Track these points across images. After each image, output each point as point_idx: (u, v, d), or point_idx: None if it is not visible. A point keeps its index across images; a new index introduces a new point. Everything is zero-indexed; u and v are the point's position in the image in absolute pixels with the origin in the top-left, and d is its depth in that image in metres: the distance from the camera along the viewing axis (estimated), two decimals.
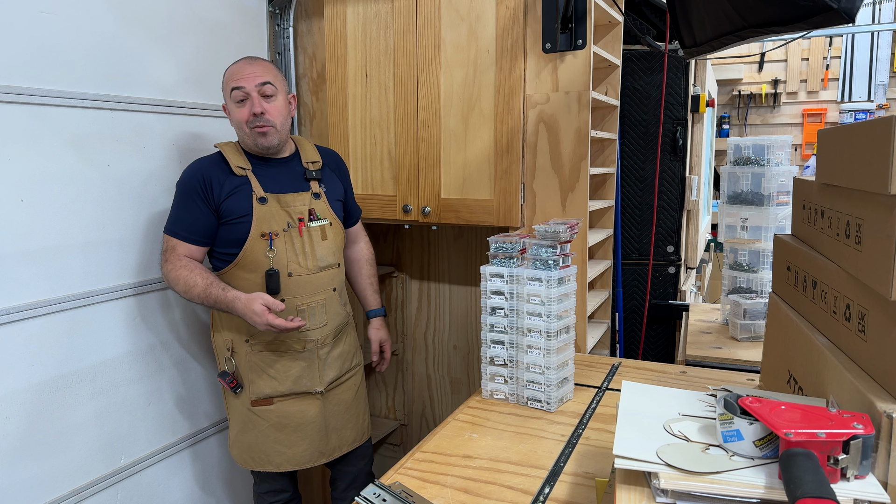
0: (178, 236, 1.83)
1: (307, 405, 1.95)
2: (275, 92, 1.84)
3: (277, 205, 1.86)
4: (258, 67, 1.83)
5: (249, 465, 1.97)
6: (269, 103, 1.83)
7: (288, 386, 1.91)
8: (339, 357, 2.02)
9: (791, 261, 1.35)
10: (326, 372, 1.97)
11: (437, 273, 2.81)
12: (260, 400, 1.91)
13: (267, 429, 1.93)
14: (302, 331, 1.86)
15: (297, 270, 1.87)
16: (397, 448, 3.01)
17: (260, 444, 1.94)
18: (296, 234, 1.87)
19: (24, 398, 1.71)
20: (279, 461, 1.94)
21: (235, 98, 1.82)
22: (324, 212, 1.95)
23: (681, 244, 2.75)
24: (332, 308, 1.97)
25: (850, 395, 0.95)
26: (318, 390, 1.94)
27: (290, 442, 1.94)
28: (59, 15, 1.74)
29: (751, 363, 1.97)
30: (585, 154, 2.05)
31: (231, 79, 1.83)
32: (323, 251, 1.93)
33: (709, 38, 1.60)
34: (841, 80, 5.66)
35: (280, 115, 1.85)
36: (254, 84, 1.80)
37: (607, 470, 1.30)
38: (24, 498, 1.73)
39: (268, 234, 1.83)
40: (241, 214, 1.82)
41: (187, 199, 1.82)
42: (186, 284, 1.78)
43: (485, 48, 2.12)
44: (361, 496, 1.23)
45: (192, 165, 1.87)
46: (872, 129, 0.92)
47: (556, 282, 1.60)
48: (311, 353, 1.93)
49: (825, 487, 0.73)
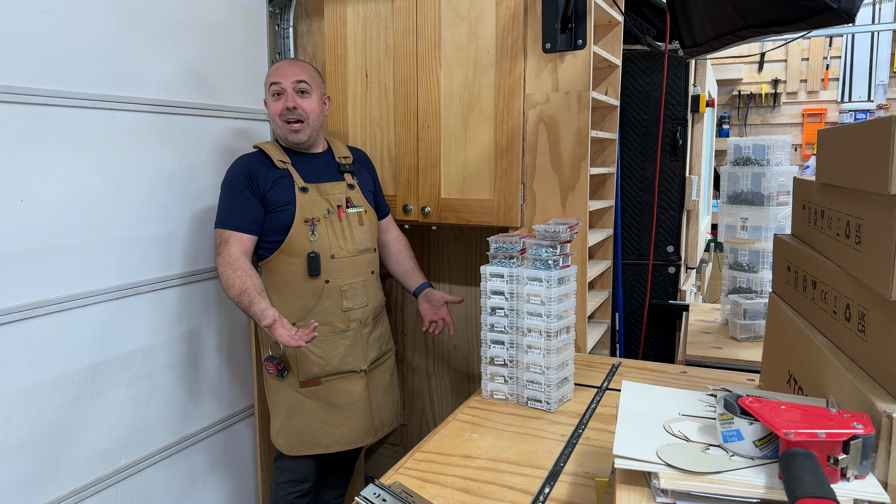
0: (229, 226, 1.93)
1: (353, 384, 2.05)
2: (309, 90, 1.99)
3: (318, 193, 2.01)
4: (297, 67, 2.00)
5: (297, 450, 2.03)
6: (303, 100, 1.98)
7: (335, 365, 2.01)
8: (378, 339, 2.14)
9: (791, 261, 1.35)
10: (369, 351, 2.09)
11: (437, 273, 2.81)
12: (308, 381, 2.01)
13: (315, 409, 2.02)
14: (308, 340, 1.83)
15: (339, 253, 2.01)
16: (397, 448, 3.01)
17: (309, 426, 2.02)
18: (335, 219, 2.02)
19: (24, 398, 1.71)
20: (327, 442, 2.02)
21: (273, 92, 1.98)
22: (359, 200, 2.10)
23: (681, 244, 2.75)
24: (371, 289, 2.10)
25: (850, 395, 0.95)
26: (363, 368, 2.06)
27: (337, 421, 2.03)
28: (59, 15, 1.74)
29: (751, 363, 1.97)
30: (585, 154, 2.05)
31: (272, 75, 2.00)
32: (361, 235, 2.07)
33: (709, 38, 1.60)
34: (841, 80, 5.66)
35: (312, 111, 2.00)
36: (290, 81, 1.96)
37: (607, 470, 1.30)
38: (24, 498, 1.73)
39: (310, 219, 1.97)
40: (284, 203, 1.96)
41: (235, 193, 1.95)
42: (226, 284, 1.88)
43: (485, 48, 2.12)
44: (361, 496, 1.23)
45: (237, 162, 2.00)
46: (872, 129, 0.92)
47: (556, 282, 1.60)
48: (354, 332, 2.05)
49: (825, 487, 0.73)
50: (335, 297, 2.00)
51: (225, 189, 1.97)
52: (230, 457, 2.40)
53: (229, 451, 2.39)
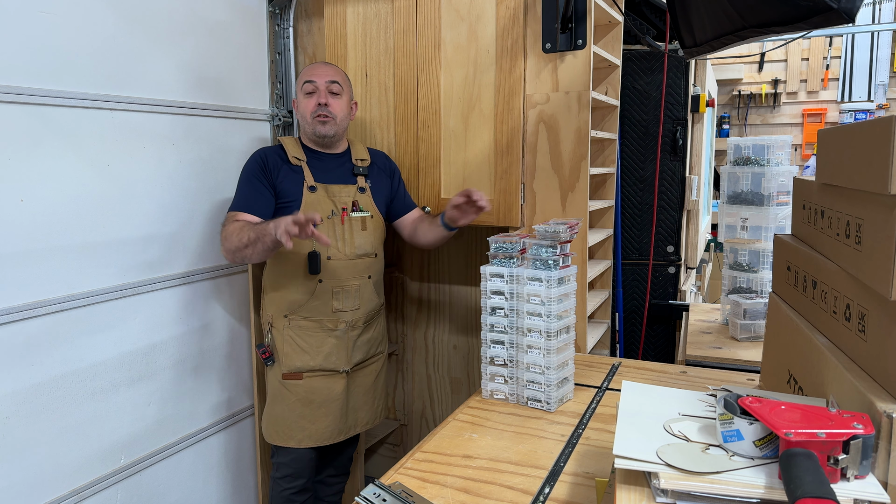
0: (238, 207, 1.98)
1: (334, 383, 2.07)
2: (341, 91, 2.06)
3: (325, 194, 2.05)
4: (330, 69, 2.08)
5: (274, 439, 2.09)
6: (334, 99, 2.05)
7: (318, 361, 2.05)
8: (368, 342, 2.16)
9: (791, 261, 1.35)
10: (354, 353, 2.11)
11: (437, 273, 2.81)
12: (291, 374, 2.05)
13: (294, 403, 2.05)
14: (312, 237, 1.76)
15: (336, 255, 2.04)
16: (397, 448, 3.01)
17: (286, 417, 2.06)
18: (338, 222, 2.04)
19: (24, 398, 1.71)
20: (301, 437, 2.06)
21: (306, 90, 2.04)
22: (367, 205, 2.12)
23: (681, 244, 2.76)
24: (365, 294, 2.11)
25: (850, 395, 0.95)
26: (345, 369, 2.08)
27: (313, 417, 2.06)
28: (59, 15, 1.74)
29: (751, 363, 1.97)
30: (585, 154, 2.04)
31: (305, 74, 2.07)
32: (361, 240, 2.08)
33: (709, 38, 1.60)
34: (841, 80, 5.66)
35: (341, 111, 2.07)
36: (324, 80, 2.03)
37: (607, 470, 1.30)
38: (24, 498, 1.72)
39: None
40: (291, 199, 2.01)
41: (251, 179, 2.01)
42: (239, 230, 1.87)
43: (485, 48, 2.12)
44: (361, 496, 1.23)
45: (256, 153, 2.07)
46: (872, 129, 0.92)
47: (556, 282, 1.60)
48: (342, 333, 2.07)
49: (825, 487, 0.73)
50: (326, 297, 2.03)
51: (243, 177, 2.03)
52: (230, 457, 2.40)
53: (229, 451, 2.39)
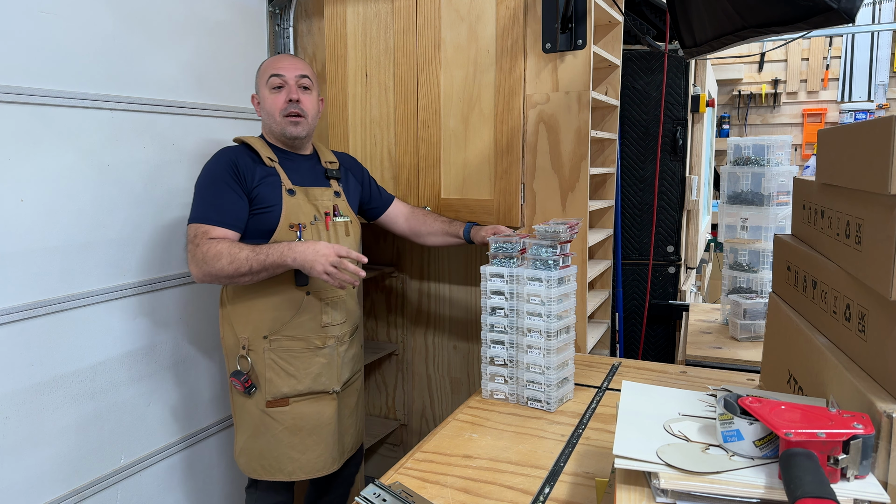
0: (211, 221, 1.73)
1: (323, 406, 1.90)
2: (311, 86, 1.90)
3: (305, 198, 1.87)
4: (299, 62, 1.91)
5: (259, 473, 1.88)
6: (305, 95, 1.88)
7: (307, 384, 1.86)
8: (353, 358, 2.02)
9: (791, 261, 1.35)
10: (343, 371, 1.95)
11: (437, 273, 2.81)
12: (276, 400, 1.84)
13: (281, 433, 1.86)
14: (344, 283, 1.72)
15: None
16: (397, 448, 3.01)
17: (272, 449, 1.86)
18: (322, 227, 1.89)
19: (24, 398, 1.71)
20: (291, 469, 1.87)
21: (272, 84, 1.85)
22: (345, 209, 1.98)
23: (681, 244, 2.76)
24: (350, 305, 1.98)
25: (850, 395, 0.95)
26: (336, 389, 1.91)
27: (304, 447, 1.87)
28: (59, 15, 1.74)
29: (751, 363, 1.97)
30: (585, 154, 2.04)
31: (271, 66, 1.87)
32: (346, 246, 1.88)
33: (709, 38, 1.60)
34: (841, 80, 5.66)
35: (312, 109, 1.90)
36: (294, 74, 1.86)
37: (607, 470, 1.30)
38: (24, 498, 1.73)
39: (296, 225, 1.82)
40: (269, 204, 1.80)
41: (218, 185, 1.76)
42: (231, 255, 1.68)
43: (485, 48, 2.12)
44: (361, 496, 1.23)
45: (219, 154, 1.84)
46: (872, 129, 0.92)
47: (556, 282, 1.60)
48: (331, 350, 1.90)
49: (825, 487, 0.73)
50: (314, 310, 1.85)
51: (205, 182, 1.78)
52: (230, 457, 2.40)
53: (229, 451, 2.39)
